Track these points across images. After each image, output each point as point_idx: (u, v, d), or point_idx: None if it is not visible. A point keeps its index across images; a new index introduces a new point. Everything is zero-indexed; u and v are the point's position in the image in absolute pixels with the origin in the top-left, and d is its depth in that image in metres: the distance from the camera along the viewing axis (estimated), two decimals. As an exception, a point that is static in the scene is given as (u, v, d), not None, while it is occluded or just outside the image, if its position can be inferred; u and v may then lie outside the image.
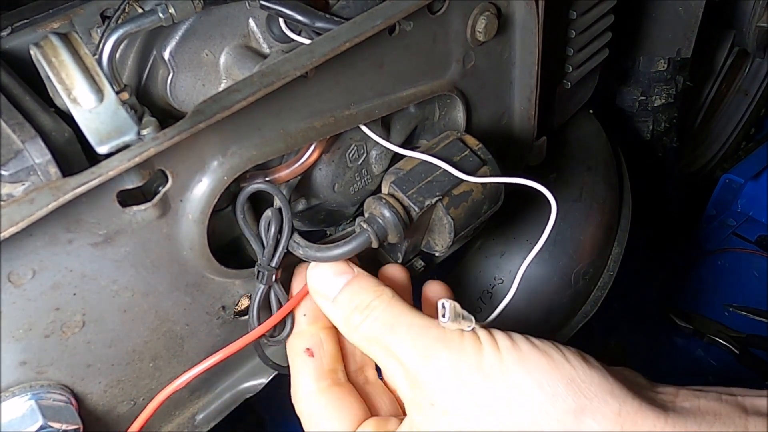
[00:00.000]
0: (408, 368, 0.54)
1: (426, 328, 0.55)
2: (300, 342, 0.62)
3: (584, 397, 0.49)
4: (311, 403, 0.59)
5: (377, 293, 0.58)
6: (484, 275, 0.99)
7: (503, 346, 0.53)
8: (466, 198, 0.63)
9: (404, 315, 0.56)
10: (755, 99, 1.74)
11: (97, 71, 0.48)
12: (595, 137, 1.13)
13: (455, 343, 0.53)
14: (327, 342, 0.62)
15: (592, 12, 0.95)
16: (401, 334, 0.55)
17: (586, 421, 0.48)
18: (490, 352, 0.52)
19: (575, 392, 0.50)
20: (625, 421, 0.48)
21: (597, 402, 0.49)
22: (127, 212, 0.53)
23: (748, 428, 0.48)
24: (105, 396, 0.60)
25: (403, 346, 0.54)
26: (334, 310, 0.59)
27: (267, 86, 0.54)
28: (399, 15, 0.61)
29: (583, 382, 0.50)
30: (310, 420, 0.59)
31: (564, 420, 0.49)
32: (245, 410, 0.82)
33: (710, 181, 1.77)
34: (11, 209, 0.45)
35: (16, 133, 0.49)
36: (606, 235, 1.08)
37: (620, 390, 0.50)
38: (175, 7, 0.57)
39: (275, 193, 0.60)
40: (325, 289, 0.59)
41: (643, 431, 0.48)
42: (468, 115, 0.76)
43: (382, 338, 0.55)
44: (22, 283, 0.50)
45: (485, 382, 0.51)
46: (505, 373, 0.51)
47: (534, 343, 0.53)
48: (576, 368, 0.51)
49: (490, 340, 0.53)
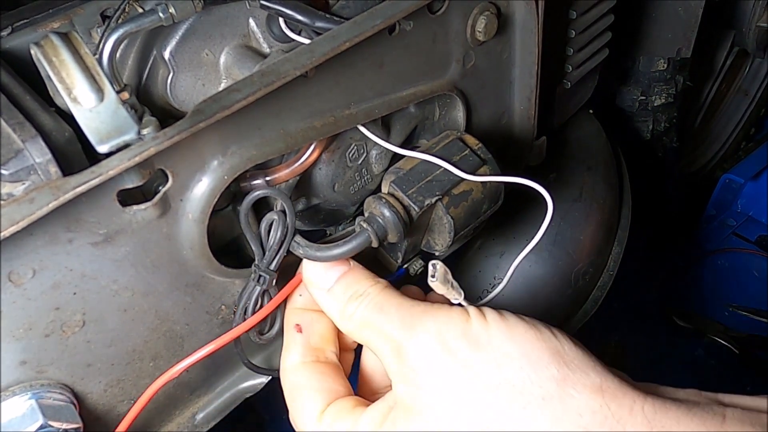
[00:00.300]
0: (393, 340, 0.54)
1: (414, 305, 0.55)
2: (293, 317, 0.62)
3: (567, 368, 0.50)
4: (293, 375, 0.59)
5: (371, 283, 0.58)
6: (483, 275, 1.00)
7: (491, 318, 0.53)
8: (465, 197, 0.63)
9: (394, 298, 0.57)
10: (755, 99, 1.74)
11: (98, 71, 0.48)
12: (595, 137, 1.13)
13: (442, 312, 0.54)
14: (318, 322, 0.62)
15: (591, 12, 0.95)
16: (390, 314, 0.55)
17: (568, 390, 0.49)
18: (477, 322, 0.53)
19: (559, 363, 0.50)
20: (606, 395, 0.49)
21: (580, 374, 0.50)
22: (127, 212, 0.53)
23: (725, 414, 0.48)
24: (105, 395, 0.60)
25: (391, 323, 0.54)
26: (330, 301, 0.59)
27: (267, 86, 0.54)
28: (399, 15, 0.61)
29: (567, 355, 0.51)
30: (291, 392, 0.59)
31: (546, 387, 0.49)
32: (245, 410, 0.82)
33: (710, 181, 1.77)
34: (11, 208, 0.45)
35: (17, 133, 0.49)
36: (606, 235, 1.08)
37: (602, 368, 0.51)
38: (175, 7, 0.57)
39: (282, 199, 0.60)
40: (320, 281, 0.59)
41: (623, 404, 0.48)
42: (468, 114, 0.76)
43: (372, 320, 0.55)
44: (23, 283, 0.50)
45: (469, 348, 0.51)
46: (490, 341, 0.52)
47: (522, 318, 0.53)
48: (562, 343, 0.52)
49: (478, 313, 0.54)
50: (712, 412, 0.49)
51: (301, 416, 0.57)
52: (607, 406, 0.48)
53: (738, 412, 0.49)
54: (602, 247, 1.08)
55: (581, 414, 0.48)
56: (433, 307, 0.55)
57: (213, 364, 0.69)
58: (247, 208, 0.61)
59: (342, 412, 0.56)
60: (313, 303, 0.61)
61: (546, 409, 0.49)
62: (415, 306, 0.55)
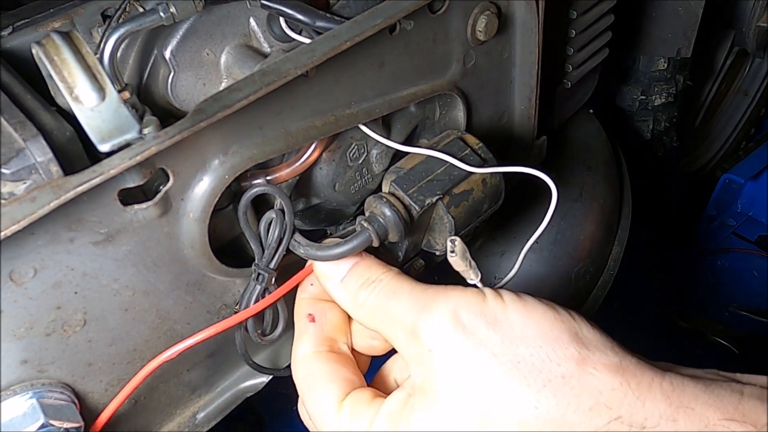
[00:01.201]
0: (407, 325, 0.53)
1: (428, 288, 0.54)
2: (305, 307, 0.61)
3: (586, 348, 0.50)
4: (306, 364, 0.58)
5: (384, 270, 0.58)
6: (484, 275, 0.99)
7: (508, 298, 0.52)
8: (466, 197, 0.63)
9: (407, 283, 0.56)
10: (755, 99, 1.75)
11: (99, 70, 0.48)
12: (595, 137, 1.14)
13: (456, 292, 0.53)
14: (331, 312, 0.61)
15: (592, 12, 0.95)
16: (403, 298, 0.54)
17: (588, 369, 0.49)
18: (493, 302, 0.52)
19: (578, 343, 0.50)
20: (626, 373, 0.49)
21: (599, 354, 0.50)
22: (129, 211, 0.53)
23: (743, 391, 0.48)
24: (106, 395, 0.60)
25: (404, 307, 0.54)
26: (342, 291, 0.58)
27: (268, 85, 0.54)
28: (399, 14, 0.61)
29: (585, 336, 0.51)
30: (304, 382, 0.58)
31: (566, 365, 0.49)
32: (245, 410, 0.82)
33: (710, 181, 1.77)
34: (13, 208, 0.45)
35: (18, 132, 0.49)
36: (606, 235, 1.08)
37: (620, 348, 0.51)
38: (176, 7, 0.57)
39: (280, 196, 0.60)
40: (333, 273, 0.59)
41: (642, 382, 0.48)
42: (468, 114, 0.76)
43: (385, 306, 0.55)
44: (24, 282, 0.50)
45: (486, 326, 0.51)
46: (508, 320, 0.51)
47: (540, 299, 0.53)
48: (580, 324, 0.51)
49: (494, 293, 0.53)
50: (730, 389, 0.48)
51: (319, 408, 0.56)
52: (627, 383, 0.48)
53: (756, 389, 0.49)
54: (602, 247, 1.08)
55: (601, 391, 0.48)
56: (447, 288, 0.54)
57: (214, 363, 0.69)
58: (245, 206, 0.61)
59: (360, 403, 0.55)
60: (324, 293, 0.61)
61: (566, 387, 0.48)
62: (428, 288, 0.54)
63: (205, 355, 0.67)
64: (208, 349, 0.67)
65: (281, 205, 0.61)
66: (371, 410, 0.53)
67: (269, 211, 0.61)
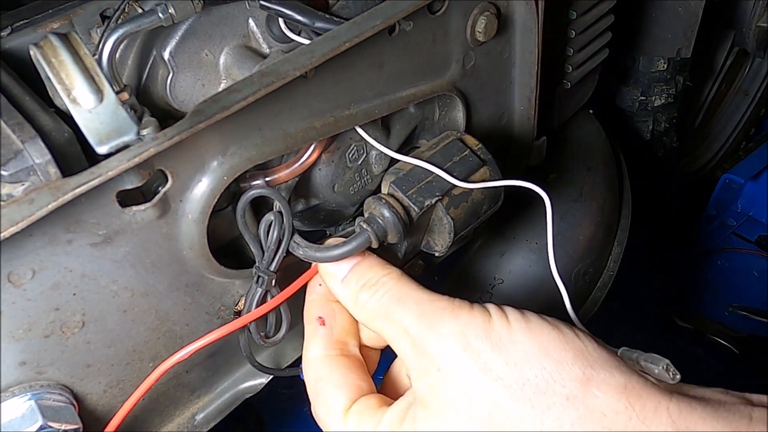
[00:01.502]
0: (414, 338, 0.53)
1: (434, 300, 0.55)
2: (314, 310, 0.62)
3: (591, 369, 0.50)
4: (317, 368, 0.59)
5: (386, 272, 0.58)
6: (484, 275, 0.99)
7: (513, 318, 0.53)
8: (465, 198, 0.63)
9: (413, 290, 0.56)
10: (755, 99, 1.74)
11: (97, 71, 0.48)
12: (595, 137, 1.13)
13: (464, 311, 0.53)
14: (340, 314, 0.61)
15: (591, 12, 0.95)
16: (409, 307, 0.55)
17: (592, 390, 0.49)
18: (498, 322, 0.52)
19: (583, 363, 0.50)
20: (631, 395, 0.48)
21: (604, 374, 0.49)
22: (127, 212, 0.53)
23: (752, 415, 0.48)
24: (105, 396, 0.60)
25: (411, 317, 0.54)
26: (343, 290, 0.59)
27: (267, 86, 0.54)
28: (399, 15, 0.61)
29: (590, 355, 0.51)
30: (314, 385, 0.59)
31: (570, 387, 0.49)
32: (245, 410, 0.82)
33: (710, 181, 1.77)
34: (11, 209, 0.45)
35: (16, 134, 0.49)
36: (606, 235, 1.08)
37: (627, 368, 0.51)
38: (175, 7, 0.57)
39: (278, 199, 0.60)
40: (334, 271, 0.59)
41: (648, 405, 0.48)
42: (468, 115, 0.76)
43: (389, 311, 0.55)
44: (22, 283, 0.50)
45: (492, 349, 0.51)
46: (513, 341, 0.51)
47: (544, 318, 0.53)
48: (585, 343, 0.51)
49: (499, 312, 0.53)
50: (739, 413, 0.48)
51: (327, 413, 0.57)
52: (631, 406, 0.48)
53: (765, 412, 0.48)
54: (602, 247, 1.07)
55: (605, 414, 0.48)
56: (454, 305, 0.54)
57: (213, 364, 0.69)
58: (243, 208, 0.61)
59: (367, 411, 0.56)
60: (332, 294, 0.61)
61: (570, 409, 0.48)
62: (434, 301, 0.55)
63: (204, 356, 0.67)
64: (208, 350, 0.67)
65: (279, 207, 0.61)
66: (376, 419, 0.55)
67: (268, 213, 0.61)
